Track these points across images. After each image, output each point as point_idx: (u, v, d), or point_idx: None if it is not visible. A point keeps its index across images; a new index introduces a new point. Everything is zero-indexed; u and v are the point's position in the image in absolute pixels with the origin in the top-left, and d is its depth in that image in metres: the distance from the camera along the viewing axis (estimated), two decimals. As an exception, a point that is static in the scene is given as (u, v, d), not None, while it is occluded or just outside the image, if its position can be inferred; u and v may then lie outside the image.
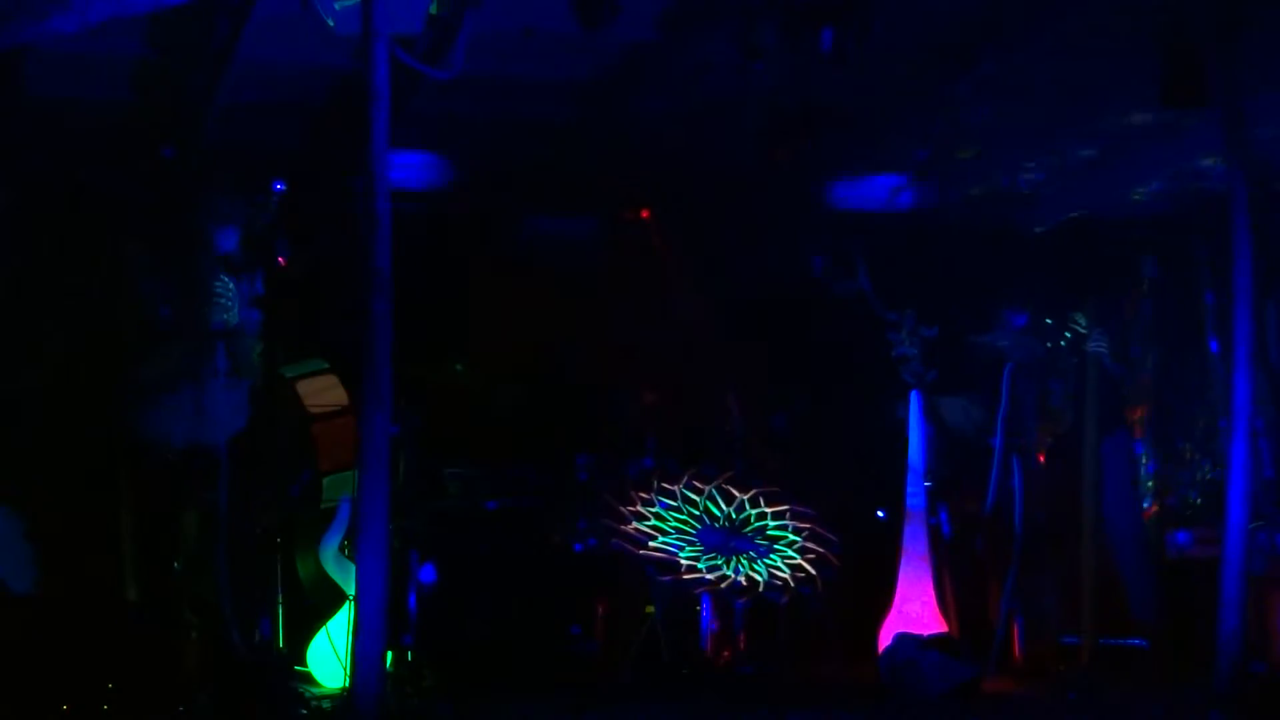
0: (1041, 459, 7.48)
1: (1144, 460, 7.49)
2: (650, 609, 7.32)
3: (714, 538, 7.21)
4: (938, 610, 7.39)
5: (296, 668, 6.84)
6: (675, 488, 7.35)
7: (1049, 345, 7.28)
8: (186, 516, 5.78)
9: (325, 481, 7.54)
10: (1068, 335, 7.29)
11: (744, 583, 6.99)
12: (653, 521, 7.17)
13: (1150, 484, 7.43)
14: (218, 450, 5.67)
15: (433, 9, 5.32)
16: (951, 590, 7.55)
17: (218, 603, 5.63)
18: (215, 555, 5.65)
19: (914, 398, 7.58)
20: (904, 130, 7.31)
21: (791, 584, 7.05)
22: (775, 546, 7.22)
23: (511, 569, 7.64)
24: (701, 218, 8.59)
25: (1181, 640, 6.76)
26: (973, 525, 7.72)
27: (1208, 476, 7.30)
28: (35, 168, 7.14)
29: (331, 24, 5.15)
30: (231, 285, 5.71)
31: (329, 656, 6.80)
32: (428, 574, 7.19)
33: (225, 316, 5.72)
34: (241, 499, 5.71)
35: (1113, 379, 6.90)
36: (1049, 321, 7.41)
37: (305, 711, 5.80)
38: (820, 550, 7.21)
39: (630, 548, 7.05)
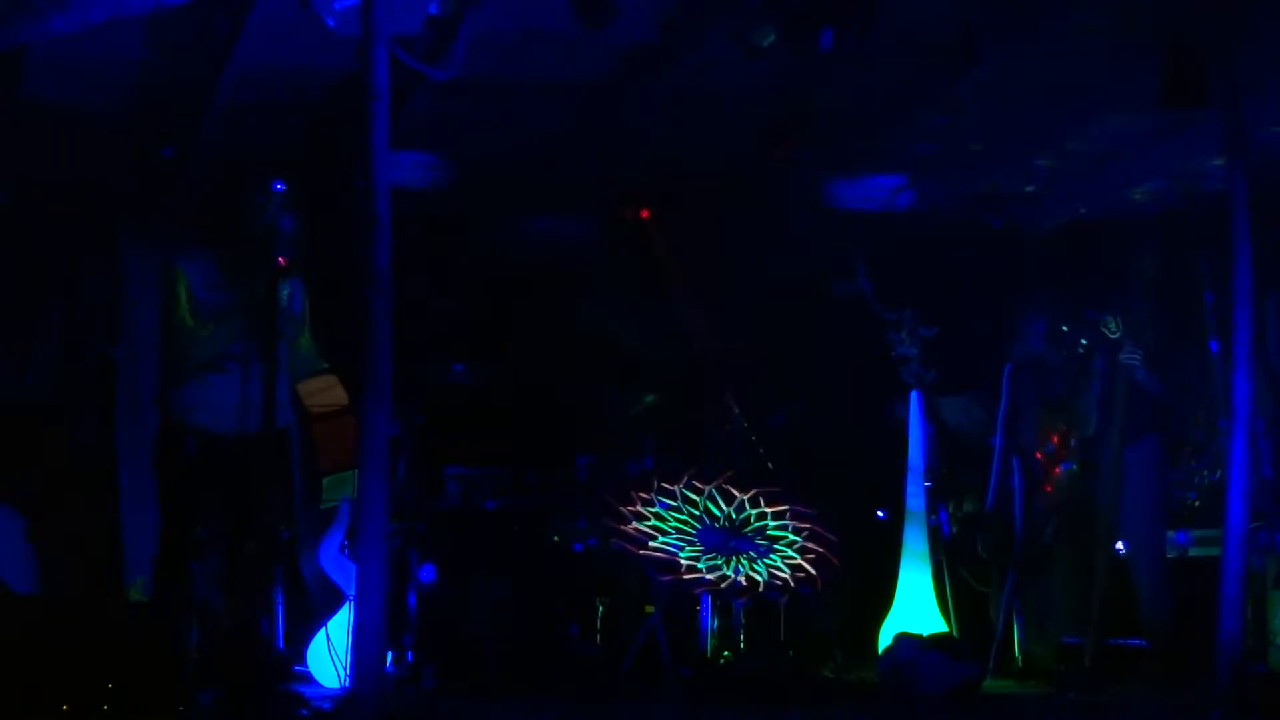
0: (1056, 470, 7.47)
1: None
2: (650, 609, 7.32)
3: (714, 538, 7.21)
4: (938, 610, 7.39)
5: (296, 668, 6.84)
6: (675, 488, 7.35)
7: (1064, 353, 7.28)
8: (221, 514, 5.72)
9: (325, 481, 7.54)
10: (1084, 341, 7.28)
11: (744, 583, 6.99)
12: (653, 521, 7.17)
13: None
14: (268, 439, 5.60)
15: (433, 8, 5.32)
16: (951, 590, 7.56)
17: (250, 597, 5.61)
18: (258, 551, 5.61)
19: (914, 398, 7.59)
20: (904, 130, 7.31)
21: (791, 584, 7.05)
22: (775, 546, 7.22)
23: (511, 569, 7.63)
24: (701, 218, 8.60)
25: (1181, 640, 6.76)
26: (973, 525, 7.72)
27: (1206, 482, 7.29)
28: (34, 167, 7.16)
29: (331, 24, 5.15)
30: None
31: (329, 656, 6.80)
32: (428, 574, 7.19)
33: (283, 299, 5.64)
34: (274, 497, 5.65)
35: (1145, 390, 6.91)
36: (1065, 329, 7.41)
37: (305, 712, 5.79)
38: (820, 550, 7.21)
39: (630, 548, 7.04)
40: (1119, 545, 7.08)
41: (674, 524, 7.22)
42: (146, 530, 6.68)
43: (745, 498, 7.40)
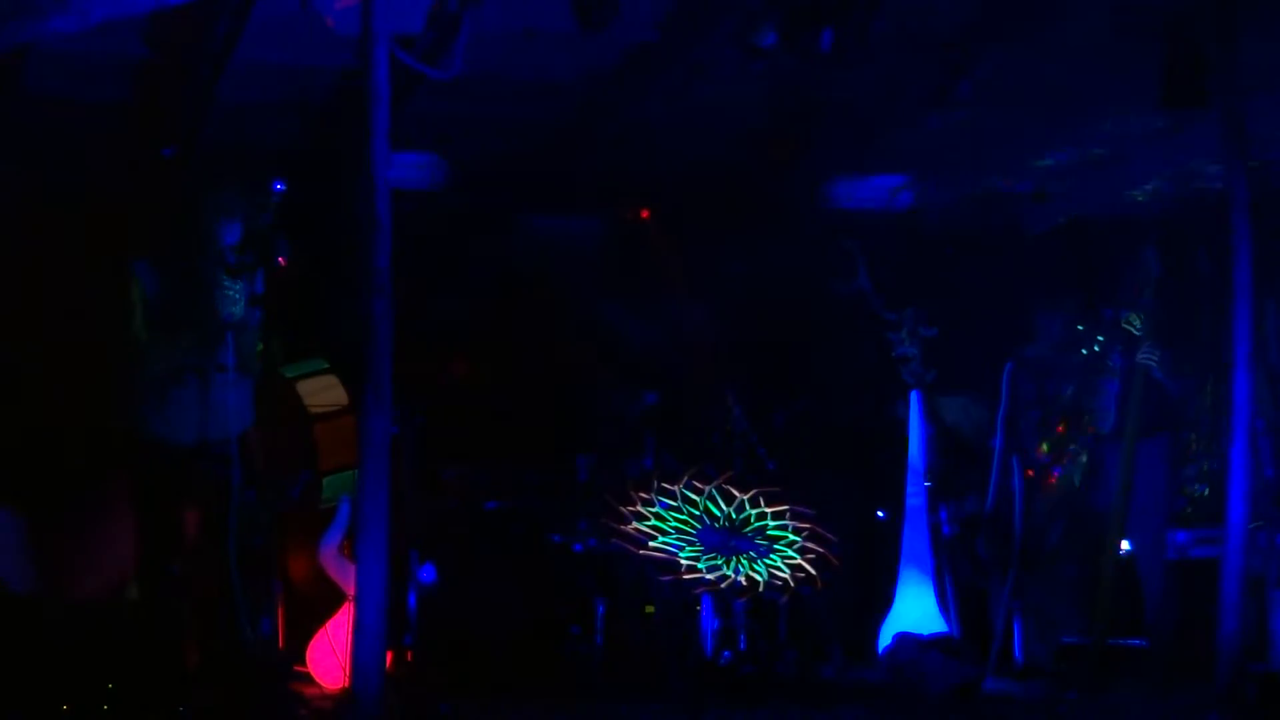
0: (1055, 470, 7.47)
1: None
2: (650, 609, 7.31)
3: (714, 538, 7.21)
4: (938, 610, 7.39)
5: (296, 668, 6.84)
6: (675, 488, 7.34)
7: (1081, 350, 7.30)
8: (190, 514, 5.78)
9: (325, 481, 7.53)
10: (1100, 338, 7.28)
11: (744, 583, 6.99)
12: (653, 521, 7.16)
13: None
14: (226, 446, 5.68)
15: (433, 8, 5.32)
16: (952, 590, 7.56)
17: (224, 601, 5.63)
18: (225, 553, 5.65)
19: (914, 398, 7.59)
20: (904, 130, 7.31)
21: (791, 584, 7.04)
22: (775, 546, 7.21)
23: (511, 569, 7.63)
24: (701, 218, 8.60)
25: (1181, 640, 6.77)
26: (973, 525, 7.72)
27: (1198, 493, 7.30)
28: (34, 167, 7.15)
29: (331, 24, 5.15)
30: (238, 281, 5.72)
31: (329, 656, 6.80)
32: (428, 574, 7.18)
33: (232, 310, 5.73)
34: (248, 496, 5.71)
35: (1160, 389, 6.92)
36: (1080, 328, 7.41)
37: (305, 711, 5.80)
38: (820, 550, 7.21)
39: (630, 548, 7.04)
40: (1124, 544, 7.08)
41: (674, 524, 7.21)
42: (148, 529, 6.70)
43: (745, 498, 7.39)
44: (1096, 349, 7.30)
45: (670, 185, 8.28)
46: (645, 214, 8.81)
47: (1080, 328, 7.42)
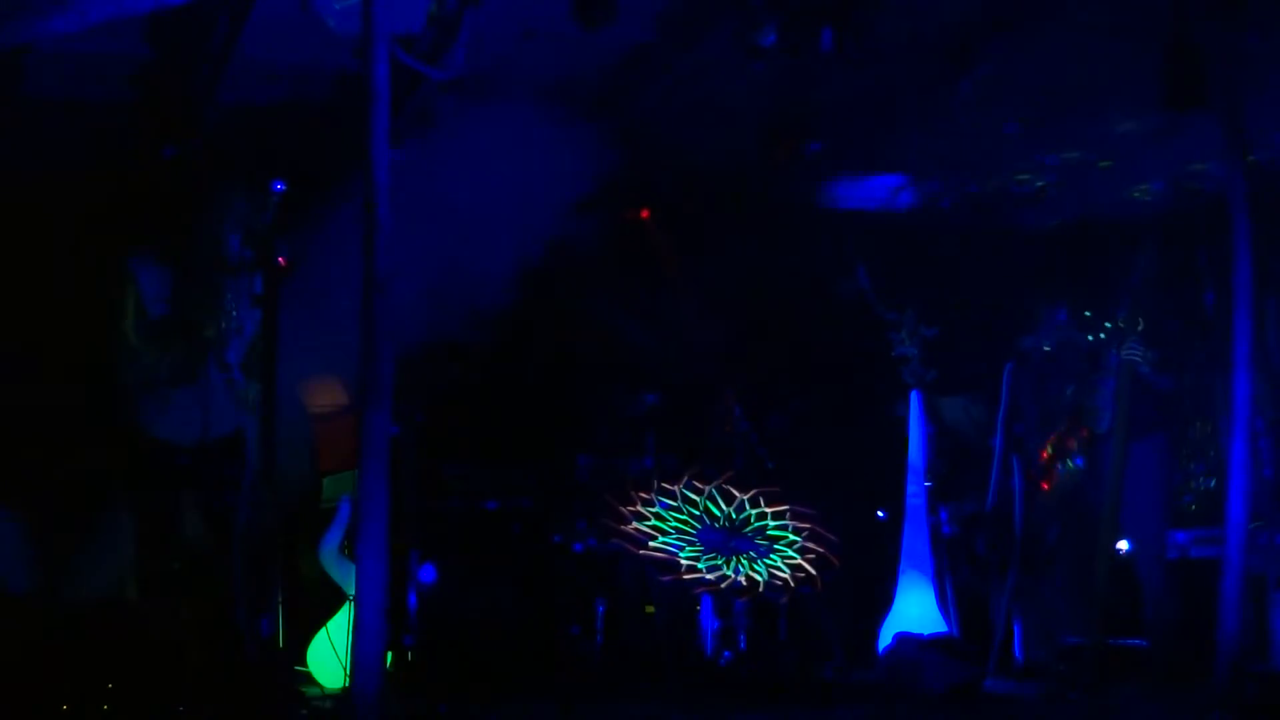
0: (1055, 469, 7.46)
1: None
2: (650, 609, 7.31)
3: (714, 538, 7.22)
4: (938, 610, 7.39)
5: (296, 668, 6.84)
6: (675, 488, 7.35)
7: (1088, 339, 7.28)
8: (190, 514, 5.79)
9: (325, 481, 7.53)
10: (1102, 335, 7.28)
11: (744, 583, 6.99)
12: (653, 521, 7.17)
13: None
14: (228, 445, 5.68)
15: (433, 8, 5.32)
16: (951, 590, 7.55)
17: (225, 602, 5.64)
18: (229, 553, 5.66)
19: (914, 398, 7.58)
20: (904, 130, 7.31)
21: (791, 584, 7.05)
22: (775, 546, 7.22)
23: (511, 569, 7.63)
24: (701, 218, 8.60)
25: (1181, 640, 6.76)
26: (973, 525, 7.72)
27: (1202, 487, 7.29)
28: (34, 168, 7.15)
29: (331, 24, 5.15)
30: (239, 281, 5.73)
31: (329, 656, 6.80)
32: (428, 574, 7.18)
33: (235, 309, 5.75)
34: (249, 496, 5.71)
35: (1151, 387, 6.91)
36: (1084, 317, 7.40)
37: (305, 711, 5.80)
38: (820, 550, 7.22)
39: (630, 548, 7.04)
40: (1123, 544, 7.08)
41: (674, 524, 7.22)
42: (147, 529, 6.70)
43: (745, 498, 7.40)
44: (1093, 340, 7.30)
45: (670, 185, 8.28)
46: (645, 214, 8.80)
47: (1085, 315, 7.41)
